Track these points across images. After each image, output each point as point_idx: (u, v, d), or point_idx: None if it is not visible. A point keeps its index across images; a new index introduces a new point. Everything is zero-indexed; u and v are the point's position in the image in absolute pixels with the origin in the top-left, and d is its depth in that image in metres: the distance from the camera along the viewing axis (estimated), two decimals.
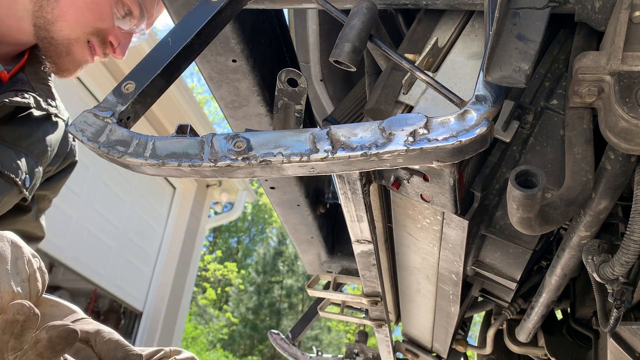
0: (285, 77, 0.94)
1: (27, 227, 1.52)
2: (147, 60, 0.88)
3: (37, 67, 1.49)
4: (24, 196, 1.44)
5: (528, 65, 0.79)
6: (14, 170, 1.37)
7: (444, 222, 1.24)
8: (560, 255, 1.27)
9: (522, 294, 1.99)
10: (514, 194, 0.84)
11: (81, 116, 0.82)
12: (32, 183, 1.44)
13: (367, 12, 0.86)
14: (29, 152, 1.43)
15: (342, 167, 0.76)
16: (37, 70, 1.49)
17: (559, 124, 1.18)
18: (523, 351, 2.36)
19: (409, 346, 2.49)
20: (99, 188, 6.79)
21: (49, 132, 1.51)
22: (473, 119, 0.72)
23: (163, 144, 0.79)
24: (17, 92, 1.39)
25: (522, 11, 0.86)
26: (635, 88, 0.87)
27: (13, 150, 1.38)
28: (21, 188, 1.39)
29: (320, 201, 2.04)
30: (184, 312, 9.06)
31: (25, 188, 1.41)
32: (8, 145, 1.38)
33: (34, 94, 1.44)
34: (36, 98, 1.43)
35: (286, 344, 2.66)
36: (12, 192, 1.38)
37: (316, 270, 2.41)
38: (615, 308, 1.23)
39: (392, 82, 1.09)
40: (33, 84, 1.46)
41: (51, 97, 1.50)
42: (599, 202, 1.05)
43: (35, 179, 1.46)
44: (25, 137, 1.42)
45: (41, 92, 1.47)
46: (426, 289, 1.72)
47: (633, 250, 1.01)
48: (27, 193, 1.43)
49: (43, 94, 1.47)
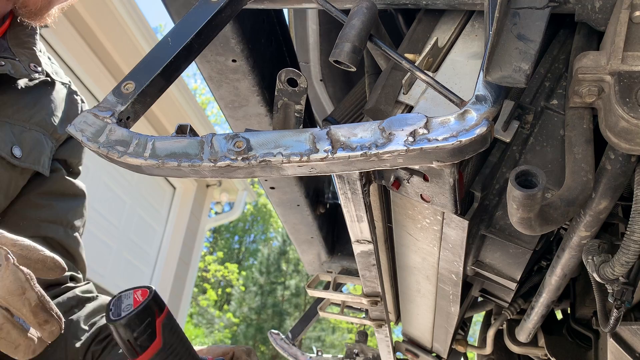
0: (285, 77, 0.94)
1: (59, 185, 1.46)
2: (146, 60, 0.88)
3: (18, 32, 1.41)
4: (27, 168, 1.36)
5: (528, 65, 0.79)
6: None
7: (444, 222, 1.23)
8: (560, 255, 1.27)
9: (522, 294, 1.99)
10: (514, 194, 0.84)
11: (81, 116, 0.82)
12: (26, 152, 1.35)
13: (367, 12, 0.86)
14: (16, 121, 1.34)
15: (342, 167, 0.76)
16: (18, 35, 1.41)
17: (559, 124, 1.18)
18: (523, 351, 2.36)
19: (409, 346, 2.49)
20: (99, 188, 6.78)
21: (41, 96, 1.43)
22: (473, 119, 0.72)
23: (163, 144, 0.79)
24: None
25: (522, 11, 0.86)
26: (635, 88, 0.87)
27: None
28: (10, 159, 1.31)
29: (320, 201, 2.04)
30: (184, 312, 9.06)
31: (17, 159, 1.32)
32: None
33: (14, 60, 1.36)
34: (14, 64, 1.35)
35: (286, 344, 2.66)
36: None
37: (316, 270, 2.41)
38: (616, 308, 1.23)
39: (392, 82, 1.09)
40: (14, 49, 1.38)
41: (35, 62, 1.42)
42: (599, 202, 1.05)
43: (33, 147, 1.38)
44: (9, 105, 1.34)
45: (23, 57, 1.39)
46: (426, 289, 1.72)
47: (633, 250, 1.01)
48: (27, 164, 1.35)
49: (25, 59, 1.39)
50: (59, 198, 1.47)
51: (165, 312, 0.92)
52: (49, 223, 1.41)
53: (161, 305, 0.93)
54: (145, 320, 0.89)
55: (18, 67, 1.36)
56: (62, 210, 1.46)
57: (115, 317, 0.88)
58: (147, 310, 0.90)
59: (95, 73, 6.07)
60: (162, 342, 0.90)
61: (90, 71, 6.00)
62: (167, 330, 0.91)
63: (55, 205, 1.44)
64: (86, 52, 5.88)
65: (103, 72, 6.17)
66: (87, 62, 5.91)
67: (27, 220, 1.39)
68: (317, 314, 2.54)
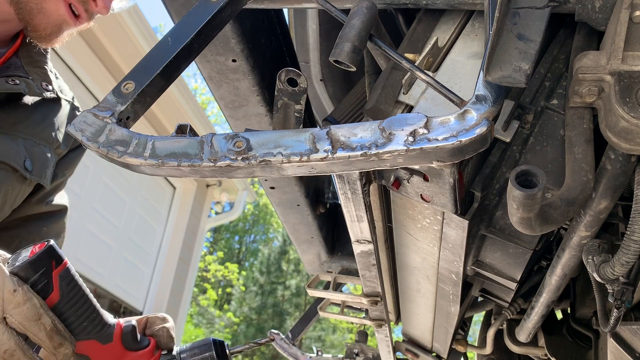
0: (285, 76, 0.94)
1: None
2: (146, 60, 0.88)
3: (30, 50, 1.45)
4: (34, 181, 1.42)
5: (528, 65, 0.79)
6: (9, 156, 1.35)
7: (444, 222, 1.23)
8: (560, 255, 1.27)
9: (522, 294, 1.99)
10: (514, 193, 0.84)
11: (81, 116, 0.82)
12: (36, 166, 1.42)
13: (367, 11, 0.86)
14: (27, 136, 1.40)
15: (342, 167, 0.76)
16: (31, 54, 1.45)
17: (559, 124, 1.18)
18: (523, 351, 2.36)
19: (409, 346, 2.49)
20: (99, 188, 6.78)
21: (49, 113, 1.48)
22: (473, 119, 0.72)
23: (163, 144, 0.79)
24: (8, 78, 1.36)
25: (522, 11, 0.86)
26: (635, 88, 0.87)
27: (8, 136, 1.36)
28: (23, 173, 1.37)
29: (320, 201, 2.04)
30: (184, 312, 9.05)
31: (29, 172, 1.39)
32: (1, 131, 1.35)
33: (27, 78, 1.40)
34: (29, 83, 1.40)
35: (286, 343, 2.65)
36: (12, 179, 1.36)
37: (316, 270, 2.41)
38: (616, 308, 1.23)
39: (392, 81, 1.09)
40: (27, 67, 1.43)
41: (47, 81, 1.47)
42: (599, 202, 1.05)
43: (42, 161, 1.44)
44: (21, 121, 1.40)
45: (35, 75, 1.44)
46: (426, 289, 1.72)
47: (633, 250, 1.00)
48: (35, 177, 1.41)
49: (38, 77, 1.44)
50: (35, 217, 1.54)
51: (64, 265, 0.88)
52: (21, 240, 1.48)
53: (58, 257, 0.88)
54: (40, 270, 0.85)
55: (32, 86, 1.41)
56: (36, 227, 1.53)
57: (10, 268, 0.85)
58: (42, 261, 0.86)
59: (95, 73, 6.07)
60: (59, 295, 0.86)
61: (90, 71, 5.99)
62: (65, 282, 0.87)
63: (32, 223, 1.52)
64: (86, 52, 5.88)
65: (103, 71, 6.17)
66: (87, 62, 5.91)
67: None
68: (317, 313, 2.53)
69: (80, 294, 0.89)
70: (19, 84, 1.37)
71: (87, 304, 0.90)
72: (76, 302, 0.89)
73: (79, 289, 0.89)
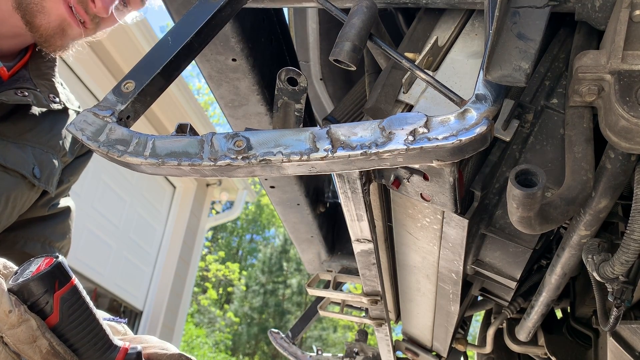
0: (285, 76, 0.94)
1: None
2: (146, 59, 0.88)
3: (39, 63, 1.49)
4: (41, 188, 1.45)
5: (528, 64, 0.79)
6: (19, 164, 1.38)
7: (444, 221, 1.23)
8: (560, 254, 1.27)
9: (522, 293, 1.99)
10: (514, 193, 0.84)
11: (81, 115, 0.82)
12: (44, 173, 1.44)
13: (367, 11, 0.86)
14: (35, 144, 1.44)
15: (342, 166, 0.76)
16: (39, 66, 1.49)
17: (559, 123, 1.18)
18: (523, 350, 2.36)
19: (409, 345, 2.49)
20: (99, 187, 6.79)
21: (57, 123, 1.51)
22: (473, 118, 0.72)
23: (163, 143, 0.79)
24: (17, 90, 1.39)
25: (522, 10, 0.86)
26: (635, 87, 0.87)
27: (16, 144, 1.39)
28: (32, 180, 1.40)
29: (320, 200, 2.04)
30: (184, 312, 9.05)
31: (37, 179, 1.42)
32: (10, 140, 1.38)
33: (35, 90, 1.44)
34: (36, 95, 1.43)
35: (286, 342, 2.66)
36: (21, 186, 1.39)
37: (316, 269, 2.41)
38: (615, 307, 1.24)
39: (392, 81, 1.09)
40: (35, 80, 1.46)
41: (54, 93, 1.50)
42: (599, 201, 1.05)
43: (49, 169, 1.47)
44: (28, 129, 1.43)
45: (43, 88, 1.47)
46: (426, 288, 1.72)
47: (633, 249, 1.01)
48: (42, 184, 1.44)
49: (45, 89, 1.48)
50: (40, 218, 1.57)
51: (68, 286, 0.84)
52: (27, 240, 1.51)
53: (64, 277, 0.84)
54: (40, 290, 0.82)
55: (40, 98, 1.44)
56: (40, 228, 1.54)
57: (12, 283, 0.83)
58: (44, 281, 0.82)
59: (95, 72, 6.07)
60: (59, 318, 0.83)
61: (91, 70, 5.99)
62: (66, 305, 0.83)
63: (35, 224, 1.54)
64: (86, 52, 5.87)
65: (103, 71, 6.17)
66: (87, 62, 5.91)
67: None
68: (317, 313, 2.54)
69: (84, 315, 0.87)
70: (27, 95, 1.41)
71: (92, 326, 0.88)
72: (79, 325, 0.86)
73: (84, 310, 0.87)
